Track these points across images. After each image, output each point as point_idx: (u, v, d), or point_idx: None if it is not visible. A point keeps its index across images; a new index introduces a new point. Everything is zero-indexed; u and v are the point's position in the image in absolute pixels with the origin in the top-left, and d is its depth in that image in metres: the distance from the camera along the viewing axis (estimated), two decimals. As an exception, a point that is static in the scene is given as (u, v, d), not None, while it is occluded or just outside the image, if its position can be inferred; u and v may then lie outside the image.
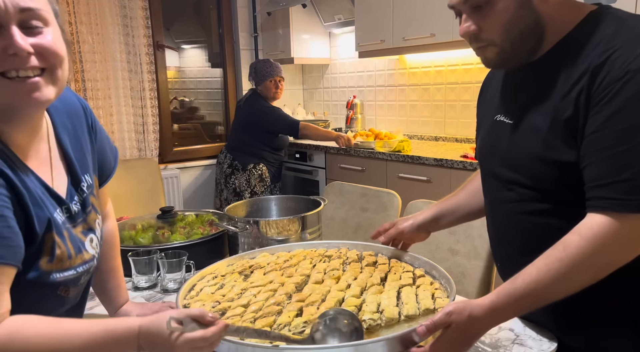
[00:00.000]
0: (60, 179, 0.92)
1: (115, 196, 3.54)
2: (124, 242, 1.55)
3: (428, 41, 3.03)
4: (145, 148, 3.83)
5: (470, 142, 3.31)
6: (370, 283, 1.12)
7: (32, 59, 0.76)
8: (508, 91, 1.08)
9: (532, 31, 0.95)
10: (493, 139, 1.08)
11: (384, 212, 2.03)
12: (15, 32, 0.73)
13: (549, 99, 0.94)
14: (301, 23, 4.14)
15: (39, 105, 0.80)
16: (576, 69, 0.90)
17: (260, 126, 3.44)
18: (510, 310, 0.89)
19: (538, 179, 0.96)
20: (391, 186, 3.00)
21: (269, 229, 1.51)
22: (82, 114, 1.03)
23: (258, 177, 3.46)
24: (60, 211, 0.89)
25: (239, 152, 3.50)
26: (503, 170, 1.04)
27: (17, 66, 0.74)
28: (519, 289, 0.86)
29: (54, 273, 0.83)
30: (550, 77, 0.95)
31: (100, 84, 3.56)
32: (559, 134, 0.91)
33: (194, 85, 4.49)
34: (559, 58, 0.94)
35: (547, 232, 0.93)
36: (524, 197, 1.00)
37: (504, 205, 1.05)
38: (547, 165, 0.93)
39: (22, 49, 0.73)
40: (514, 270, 0.93)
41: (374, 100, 4.08)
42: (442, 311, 0.88)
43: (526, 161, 0.97)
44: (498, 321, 0.92)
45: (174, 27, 4.31)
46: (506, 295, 0.87)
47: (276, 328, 0.95)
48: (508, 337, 1.05)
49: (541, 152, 0.93)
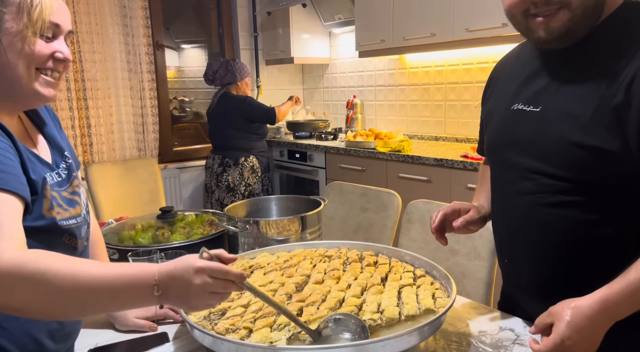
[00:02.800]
0: (44, 151, 1.00)
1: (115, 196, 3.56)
2: (123, 242, 1.55)
3: (428, 41, 3.03)
4: (145, 148, 3.83)
5: (471, 142, 3.31)
6: (370, 283, 1.12)
7: (61, 66, 0.93)
8: (529, 80, 1.04)
9: (600, 3, 0.91)
10: (511, 128, 1.05)
11: (384, 212, 2.03)
12: (64, 43, 0.92)
13: (590, 85, 0.90)
14: (301, 23, 4.14)
15: (52, 100, 0.95)
16: (623, 52, 0.86)
17: (241, 116, 3.46)
18: (625, 303, 0.82)
19: (571, 167, 0.92)
20: (391, 185, 3.00)
21: (269, 229, 1.50)
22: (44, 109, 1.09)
23: (250, 169, 3.49)
24: (50, 175, 0.95)
25: (227, 149, 3.52)
26: (524, 160, 1.00)
27: (55, 68, 0.91)
28: (634, 281, 0.81)
29: (58, 220, 0.91)
30: (589, 63, 0.91)
31: (100, 84, 3.56)
32: (603, 121, 0.87)
33: (194, 85, 4.49)
34: (596, 46, 0.91)
35: (568, 225, 0.91)
36: (547, 188, 0.96)
37: (522, 196, 1.01)
38: (585, 151, 0.89)
39: (69, 58, 0.92)
40: (526, 264, 0.91)
41: (374, 100, 4.08)
42: None
43: (560, 148, 0.93)
44: (612, 316, 0.83)
45: (173, 27, 4.31)
46: (619, 288, 0.82)
47: (276, 328, 0.95)
48: (508, 337, 1.05)
49: (579, 138, 0.89)
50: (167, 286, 0.78)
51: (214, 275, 0.79)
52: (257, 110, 3.48)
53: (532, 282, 1.04)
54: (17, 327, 0.88)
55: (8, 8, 0.84)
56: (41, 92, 0.91)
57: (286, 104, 3.73)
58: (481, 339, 1.05)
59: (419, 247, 1.83)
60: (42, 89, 0.91)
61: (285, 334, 0.93)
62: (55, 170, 0.98)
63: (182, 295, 0.79)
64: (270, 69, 4.53)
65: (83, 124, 3.53)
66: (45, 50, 0.89)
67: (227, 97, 3.50)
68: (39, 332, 0.91)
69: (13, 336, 0.88)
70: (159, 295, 0.78)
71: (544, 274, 1.01)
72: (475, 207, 1.17)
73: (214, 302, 0.84)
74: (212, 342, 0.92)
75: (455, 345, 1.03)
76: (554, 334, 0.83)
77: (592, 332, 0.83)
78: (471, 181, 2.60)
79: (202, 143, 4.29)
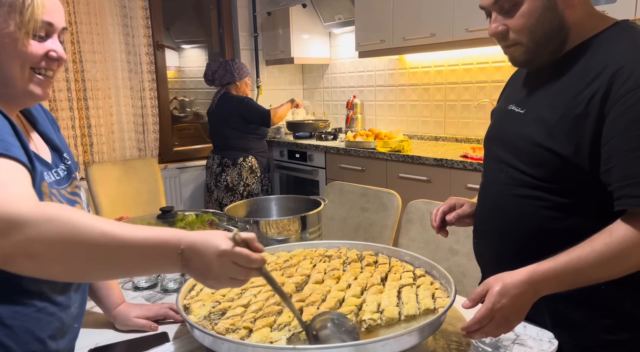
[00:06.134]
0: (42, 150, 0.99)
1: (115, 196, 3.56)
2: (124, 242, 1.55)
3: (428, 41, 3.03)
4: (145, 148, 3.83)
5: (470, 142, 3.31)
6: (370, 283, 1.12)
7: (55, 64, 0.92)
8: (526, 86, 1.14)
9: (556, 33, 1.01)
10: (501, 125, 1.16)
11: (384, 212, 2.03)
12: (57, 41, 0.92)
13: (562, 95, 1.00)
14: (301, 23, 4.14)
15: (45, 99, 0.95)
16: (591, 72, 0.96)
17: (240, 116, 3.45)
18: (550, 281, 0.92)
19: (534, 164, 1.03)
20: (391, 185, 3.00)
21: (269, 229, 1.51)
22: (40, 109, 1.08)
23: (249, 169, 3.49)
24: (49, 173, 0.95)
25: (226, 149, 3.52)
26: (502, 153, 1.11)
27: (49, 67, 0.91)
28: (560, 263, 0.92)
29: None
30: (566, 76, 1.01)
31: (100, 84, 3.56)
32: (564, 127, 0.97)
33: (194, 85, 4.49)
34: (576, 60, 1.01)
35: (525, 216, 1.04)
36: (514, 180, 1.07)
37: (495, 185, 1.13)
38: (546, 152, 1.00)
39: (63, 57, 0.92)
40: (489, 246, 1.07)
41: (374, 100, 4.08)
42: None
43: (527, 146, 1.04)
44: (538, 290, 0.93)
45: (174, 27, 4.31)
46: (547, 267, 0.92)
47: (276, 328, 0.95)
48: (508, 337, 1.05)
49: (542, 140, 1.00)
50: (190, 257, 0.75)
51: (237, 261, 0.76)
52: (253, 112, 3.47)
53: (492, 263, 1.15)
54: (20, 326, 0.88)
55: (1, 7, 0.84)
56: (35, 92, 0.90)
57: (284, 106, 3.70)
58: (481, 338, 1.05)
59: (418, 247, 1.83)
60: (37, 89, 0.91)
61: (285, 334, 0.93)
62: (53, 168, 0.98)
63: (201, 273, 0.76)
64: (271, 69, 4.53)
65: (83, 124, 3.53)
66: (39, 50, 0.88)
67: (227, 97, 3.50)
68: (42, 331, 0.91)
69: (16, 334, 0.88)
70: (182, 265, 0.75)
71: (502, 257, 1.11)
72: (469, 203, 1.26)
73: (232, 286, 0.80)
74: (212, 342, 0.92)
75: (455, 345, 1.03)
76: (487, 301, 0.92)
77: (518, 298, 0.91)
78: (471, 181, 2.60)
79: (203, 143, 4.29)
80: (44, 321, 0.91)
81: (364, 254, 1.31)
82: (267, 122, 3.48)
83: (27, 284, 0.88)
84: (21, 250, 0.69)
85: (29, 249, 0.69)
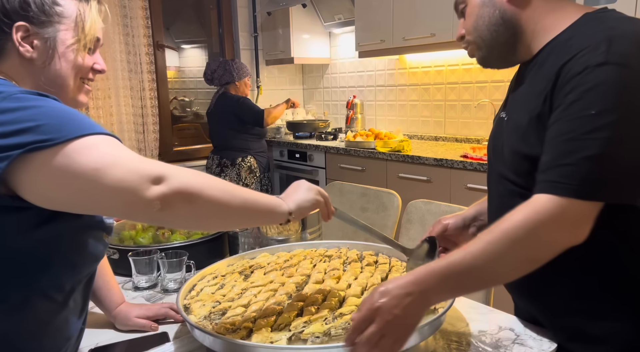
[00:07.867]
0: None
1: (115, 196, 3.54)
2: (124, 242, 1.55)
3: (428, 41, 3.03)
4: (145, 148, 3.83)
5: (470, 142, 3.31)
6: (370, 283, 1.12)
7: (95, 75, 1.01)
8: (511, 91, 1.12)
9: (499, 25, 1.01)
10: (495, 134, 1.14)
11: (384, 212, 2.03)
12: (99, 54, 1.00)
13: (530, 97, 0.97)
14: (301, 23, 4.14)
15: (84, 107, 1.04)
16: (551, 69, 0.92)
17: (236, 116, 3.46)
18: (435, 279, 0.85)
19: (519, 174, 0.99)
20: (391, 185, 3.00)
21: (269, 229, 1.50)
22: None
23: (247, 169, 3.49)
24: None
25: (224, 150, 3.52)
26: (498, 165, 1.08)
27: (91, 77, 0.99)
28: (447, 259, 0.86)
29: (104, 218, 0.97)
30: (534, 78, 0.99)
31: (100, 84, 3.56)
32: (533, 130, 0.94)
33: (194, 85, 4.49)
34: (543, 60, 0.98)
35: None
36: (509, 193, 1.03)
37: (495, 199, 1.10)
38: (524, 160, 0.96)
39: (105, 68, 1.01)
40: None
41: (374, 100, 4.08)
42: None
43: (509, 157, 1.01)
44: (424, 291, 0.85)
45: (174, 27, 4.31)
46: (433, 265, 0.87)
47: (276, 328, 0.95)
48: (508, 337, 1.05)
49: (518, 147, 0.97)
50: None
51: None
52: (247, 112, 3.47)
53: None
54: (31, 348, 0.87)
55: (64, 20, 0.91)
56: (82, 100, 0.99)
57: (279, 107, 3.68)
58: (481, 338, 1.05)
59: (418, 247, 1.83)
60: (83, 97, 0.99)
61: (286, 334, 0.93)
62: None
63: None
64: (271, 69, 4.53)
65: (83, 124, 3.53)
66: (89, 62, 0.96)
67: (225, 97, 3.50)
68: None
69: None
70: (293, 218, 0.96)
71: None
72: (461, 217, 1.22)
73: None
74: (212, 342, 0.92)
75: (455, 345, 1.03)
76: (367, 301, 0.85)
77: (401, 299, 0.83)
78: (471, 181, 2.60)
79: (203, 143, 4.29)
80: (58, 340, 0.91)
81: (364, 254, 1.31)
82: (259, 122, 3.46)
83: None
84: (178, 193, 0.77)
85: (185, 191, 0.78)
